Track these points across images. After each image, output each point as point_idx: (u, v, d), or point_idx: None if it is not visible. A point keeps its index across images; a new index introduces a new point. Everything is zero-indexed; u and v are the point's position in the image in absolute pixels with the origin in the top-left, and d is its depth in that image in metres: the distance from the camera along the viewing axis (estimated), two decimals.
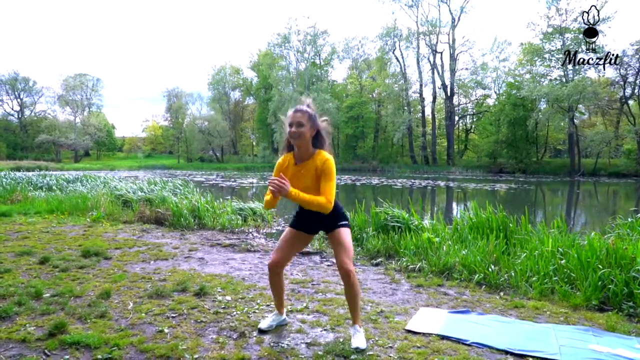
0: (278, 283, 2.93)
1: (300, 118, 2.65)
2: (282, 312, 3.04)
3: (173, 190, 10.36)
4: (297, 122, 2.65)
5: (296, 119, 2.65)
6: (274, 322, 2.97)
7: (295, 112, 2.68)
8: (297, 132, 2.64)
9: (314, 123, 2.70)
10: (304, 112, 2.67)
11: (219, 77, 63.75)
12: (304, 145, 2.69)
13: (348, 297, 2.74)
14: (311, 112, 2.70)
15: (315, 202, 2.58)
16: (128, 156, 67.78)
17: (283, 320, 3.04)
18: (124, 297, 3.50)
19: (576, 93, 34.32)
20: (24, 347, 2.57)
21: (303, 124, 2.65)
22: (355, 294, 2.71)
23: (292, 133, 2.65)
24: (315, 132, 2.71)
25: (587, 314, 3.35)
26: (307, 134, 2.66)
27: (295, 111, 2.69)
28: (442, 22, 47.92)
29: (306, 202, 2.59)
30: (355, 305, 2.74)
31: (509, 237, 5.20)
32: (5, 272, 4.13)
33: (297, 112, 2.68)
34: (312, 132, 2.69)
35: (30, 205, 9.07)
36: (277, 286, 2.95)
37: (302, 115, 2.66)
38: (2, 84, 60.38)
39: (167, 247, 5.62)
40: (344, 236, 2.74)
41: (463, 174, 39.99)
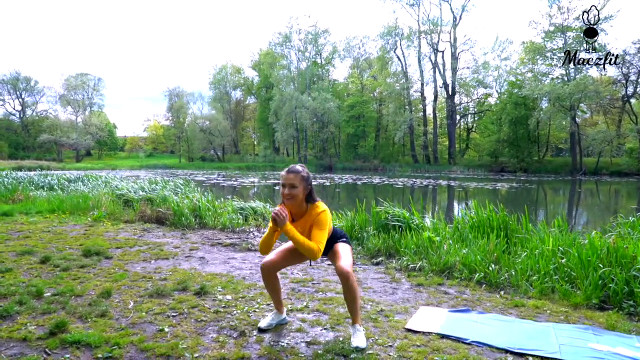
0: (272, 284, 2.95)
1: (293, 180, 2.69)
2: (281, 311, 3.05)
3: (174, 189, 10.36)
4: (290, 184, 2.69)
5: (289, 180, 2.69)
6: (273, 320, 2.98)
7: (288, 174, 2.71)
8: (290, 194, 2.69)
9: (307, 183, 2.74)
10: (297, 174, 2.70)
11: (220, 76, 63.78)
12: (297, 205, 2.75)
13: (347, 298, 2.75)
14: (304, 174, 2.73)
15: (307, 245, 2.62)
16: (129, 156, 67.86)
17: (283, 319, 3.04)
18: (125, 296, 3.51)
19: (578, 92, 34.24)
20: (25, 346, 2.58)
21: (296, 185, 2.69)
22: (354, 296, 2.72)
23: (286, 195, 2.69)
24: (309, 190, 2.76)
25: (587, 313, 3.35)
26: (300, 195, 2.72)
27: (289, 172, 2.72)
28: (444, 21, 47.88)
29: (298, 242, 2.63)
30: (354, 305, 2.75)
31: (510, 236, 5.20)
32: (7, 271, 4.15)
33: (291, 173, 2.70)
34: (305, 192, 2.73)
35: (31, 204, 9.09)
36: (272, 287, 2.96)
37: (295, 176, 2.69)
38: (3, 83, 60.51)
39: (168, 246, 5.62)
40: (342, 249, 2.82)
41: (464, 173, 39.96)
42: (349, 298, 2.73)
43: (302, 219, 2.78)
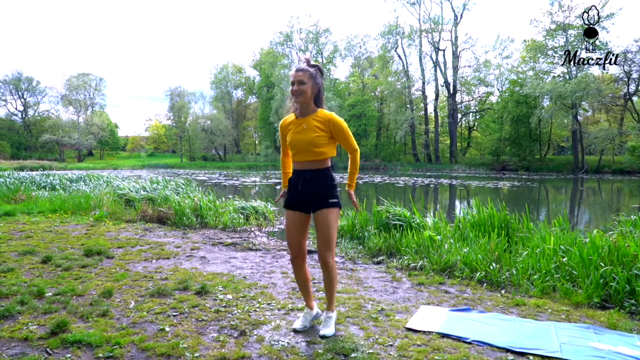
0: (303, 276, 2.93)
1: (301, 77, 2.67)
2: (312, 307, 2.99)
3: (175, 189, 10.37)
4: (299, 81, 2.67)
5: (298, 77, 2.68)
6: (306, 321, 2.93)
7: (297, 71, 2.70)
8: (299, 90, 2.68)
9: (316, 81, 2.72)
10: (305, 71, 2.69)
11: (221, 75, 63.81)
12: (305, 102, 2.73)
13: (326, 283, 2.87)
14: (312, 71, 2.71)
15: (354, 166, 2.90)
16: (131, 155, 68.02)
17: (316, 315, 3.00)
18: (126, 296, 3.52)
19: (579, 90, 34.16)
20: (26, 346, 2.59)
21: (305, 82, 2.67)
22: (332, 282, 2.85)
23: (294, 91, 2.68)
24: (317, 90, 2.74)
25: (588, 312, 3.34)
26: (309, 92, 2.69)
27: (297, 70, 2.70)
28: (445, 20, 47.86)
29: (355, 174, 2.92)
30: (332, 291, 2.88)
31: (511, 235, 5.19)
32: (8, 271, 4.16)
33: (299, 70, 2.70)
34: (313, 90, 2.72)
35: (33, 204, 9.11)
36: (303, 279, 2.94)
37: (303, 73, 2.68)
38: (5, 84, 60.71)
39: (169, 246, 5.63)
40: (329, 220, 2.77)
41: (466, 172, 39.91)
42: (328, 282, 2.86)
43: (309, 117, 2.76)
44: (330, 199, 2.79)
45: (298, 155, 2.80)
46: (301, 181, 2.81)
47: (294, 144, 2.78)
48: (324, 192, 2.78)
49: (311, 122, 2.73)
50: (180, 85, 73.07)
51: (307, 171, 2.79)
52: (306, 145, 2.73)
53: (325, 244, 2.77)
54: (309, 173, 2.79)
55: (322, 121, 2.73)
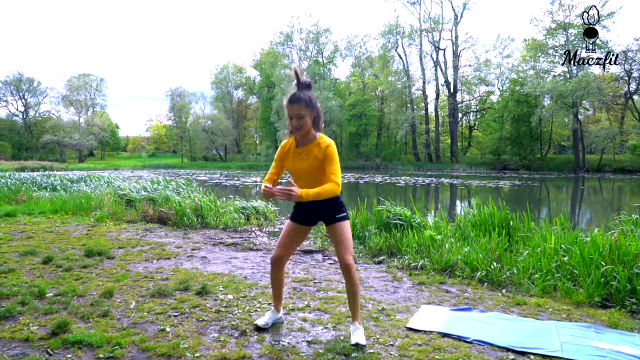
0: (279, 278, 2.94)
1: (298, 109, 2.56)
2: (278, 309, 3.04)
3: (176, 189, 10.38)
4: (297, 115, 2.57)
5: (294, 111, 2.56)
6: (270, 319, 2.97)
7: (291, 104, 2.57)
8: (300, 125, 2.59)
9: (313, 108, 2.62)
10: (300, 102, 2.56)
11: (221, 76, 63.85)
12: (306, 132, 2.65)
13: (349, 292, 2.75)
14: (307, 99, 2.58)
15: (325, 191, 2.54)
16: (132, 156, 68.08)
17: (279, 319, 3.03)
18: (127, 296, 3.52)
19: (580, 89, 34.15)
20: (27, 346, 2.59)
21: (303, 115, 2.57)
22: (356, 290, 2.72)
23: (295, 127, 2.60)
24: (315, 114, 2.64)
25: (589, 311, 3.34)
26: (309, 122, 2.62)
27: (292, 102, 2.57)
28: (445, 19, 47.91)
29: (318, 196, 2.53)
30: (355, 301, 2.75)
31: (512, 235, 5.19)
32: (9, 271, 4.16)
33: (294, 102, 2.57)
34: (312, 117, 2.63)
35: (34, 205, 9.12)
36: (278, 281, 2.95)
37: (299, 105, 2.56)
38: (6, 84, 60.81)
39: (170, 246, 5.63)
40: (343, 230, 2.73)
41: (467, 171, 39.90)
42: (351, 292, 2.73)
43: (308, 146, 2.68)
44: (339, 215, 2.76)
45: (301, 184, 2.70)
46: (308, 207, 2.78)
47: (295, 174, 2.75)
48: (332, 213, 2.75)
49: (311, 152, 2.66)
50: (181, 86, 73.19)
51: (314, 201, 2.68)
52: (308, 175, 2.69)
53: (345, 248, 2.70)
54: (315, 203, 2.69)
55: (321, 150, 2.64)
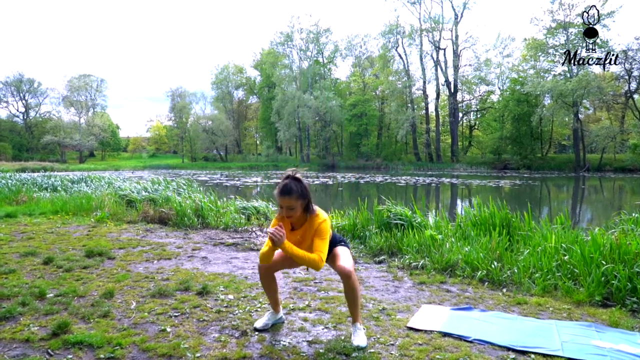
0: (269, 284, 2.93)
1: (289, 202, 2.60)
2: (277, 311, 3.02)
3: (177, 189, 10.38)
4: (288, 207, 2.62)
5: (285, 203, 2.61)
6: (269, 320, 2.96)
7: (283, 196, 2.60)
8: (289, 214, 2.64)
9: (304, 198, 2.66)
10: (291, 195, 2.59)
11: (222, 76, 63.86)
12: (297, 218, 2.72)
13: (348, 297, 2.74)
14: (298, 191, 2.62)
15: (307, 258, 2.60)
16: (133, 156, 68.07)
17: (280, 319, 3.03)
18: (127, 297, 3.52)
19: (580, 88, 34.15)
20: (28, 347, 2.59)
21: (294, 207, 2.62)
22: (355, 295, 2.71)
23: (286, 215, 2.65)
24: (306, 204, 2.69)
25: (590, 310, 3.34)
26: (299, 211, 2.67)
27: (283, 194, 2.60)
28: (445, 19, 47.89)
29: (299, 258, 2.60)
30: (355, 305, 2.75)
31: (512, 234, 5.18)
32: (10, 272, 4.17)
33: (285, 195, 2.60)
34: (303, 206, 2.67)
35: (35, 206, 9.13)
36: (269, 287, 2.94)
37: (290, 198, 2.59)
38: (7, 85, 60.83)
39: (170, 246, 5.64)
40: (342, 251, 2.80)
41: (467, 171, 39.90)
42: (350, 297, 2.72)
43: (302, 227, 2.77)
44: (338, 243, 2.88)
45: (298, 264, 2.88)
46: None
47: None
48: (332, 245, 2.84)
49: (306, 233, 2.75)
50: (182, 86, 73.22)
51: None
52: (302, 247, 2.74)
53: (345, 260, 2.74)
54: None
55: (313, 227, 2.71)
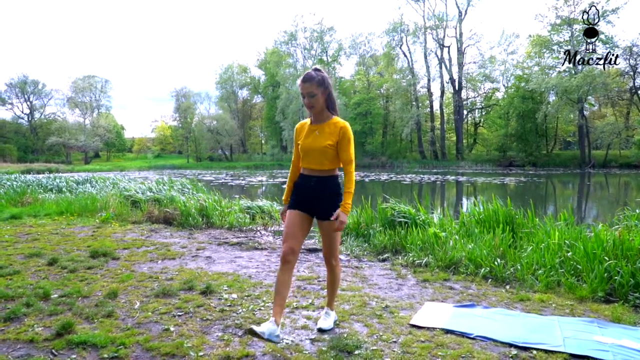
0: (287, 280, 2.64)
1: (309, 88, 2.66)
2: (278, 322, 2.51)
3: (181, 189, 10.42)
4: (309, 93, 2.67)
5: (306, 89, 2.66)
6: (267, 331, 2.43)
7: (304, 83, 2.67)
8: (311, 103, 2.69)
9: (325, 88, 2.70)
10: (312, 80, 2.66)
11: (226, 76, 63.93)
12: (319, 111, 2.73)
13: (329, 281, 2.97)
14: (319, 78, 2.68)
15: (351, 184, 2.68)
16: (138, 157, 68.33)
17: (276, 336, 2.47)
18: (131, 297, 3.54)
19: (585, 84, 33.94)
20: (32, 347, 2.62)
21: (314, 93, 2.66)
22: (336, 279, 2.95)
23: (307, 104, 2.70)
24: (327, 96, 2.72)
25: (593, 306, 3.33)
26: (322, 101, 2.70)
27: (304, 81, 2.67)
28: (449, 16, 47.70)
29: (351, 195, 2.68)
30: (333, 289, 2.98)
31: (516, 231, 5.17)
32: (15, 273, 4.20)
33: (306, 81, 2.66)
34: (324, 96, 2.71)
35: (40, 207, 9.18)
36: (286, 283, 2.63)
37: (311, 84, 2.65)
38: (11, 87, 61.18)
39: (175, 246, 5.66)
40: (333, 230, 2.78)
41: (472, 168, 39.77)
42: (331, 280, 2.96)
43: (322, 125, 2.76)
44: (334, 210, 2.73)
45: (306, 161, 2.81)
46: (307, 186, 2.81)
47: (304, 150, 2.79)
48: (328, 201, 2.77)
49: (324, 130, 2.74)
50: (186, 86, 73.45)
51: (313, 177, 2.79)
52: (316, 154, 2.74)
53: (330, 250, 2.87)
54: (314, 180, 2.78)
55: (335, 130, 2.71)
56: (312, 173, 2.79)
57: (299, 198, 2.84)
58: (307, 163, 2.80)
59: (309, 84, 2.65)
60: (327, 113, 2.76)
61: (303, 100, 2.71)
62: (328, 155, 2.71)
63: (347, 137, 2.70)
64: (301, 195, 2.83)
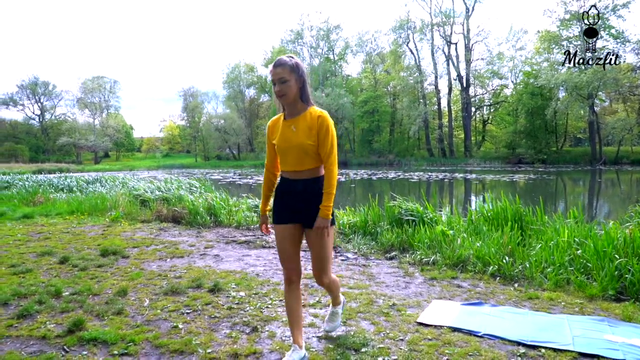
0: (296, 303, 2.49)
1: (281, 73, 2.29)
2: (300, 344, 2.42)
3: (189, 189, 10.48)
4: (280, 79, 2.29)
5: (277, 75, 2.29)
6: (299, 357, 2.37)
7: (275, 68, 2.31)
8: (282, 90, 2.31)
9: (300, 75, 2.33)
10: (284, 65, 2.30)
11: (233, 75, 64.11)
12: (291, 101, 2.35)
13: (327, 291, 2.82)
14: (292, 63, 2.31)
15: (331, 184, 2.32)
16: (147, 156, 68.78)
17: (304, 357, 2.41)
18: (141, 295, 3.58)
19: (596, 80, 33.50)
20: (44, 344, 2.66)
21: (286, 79, 2.29)
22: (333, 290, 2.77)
23: (278, 92, 2.32)
24: (302, 85, 2.35)
25: (603, 304, 3.30)
26: (294, 89, 2.32)
27: (275, 66, 2.31)
28: (456, 12, 47.38)
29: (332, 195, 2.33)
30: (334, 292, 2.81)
31: (525, 228, 5.14)
32: (27, 271, 4.27)
33: (277, 66, 2.30)
34: (298, 85, 2.33)
35: (51, 206, 9.30)
36: (296, 307, 2.48)
37: (283, 69, 2.29)
38: (22, 88, 61.89)
39: (183, 245, 5.70)
40: (322, 239, 2.41)
41: (481, 166, 39.50)
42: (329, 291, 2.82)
43: (298, 118, 2.37)
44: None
45: (286, 163, 2.43)
46: (293, 192, 2.44)
47: (282, 150, 2.42)
48: (315, 207, 2.38)
49: (300, 124, 2.36)
50: (193, 86, 73.70)
51: (299, 181, 2.41)
52: (295, 153, 2.36)
53: (319, 265, 2.48)
54: (300, 184, 2.41)
55: (312, 122, 2.34)
56: (297, 176, 2.41)
57: (285, 208, 2.46)
58: (288, 165, 2.42)
59: (280, 69, 2.28)
60: (302, 104, 2.38)
61: (274, 89, 2.35)
62: (310, 152, 2.34)
63: (326, 128, 2.32)
64: (287, 204, 2.46)
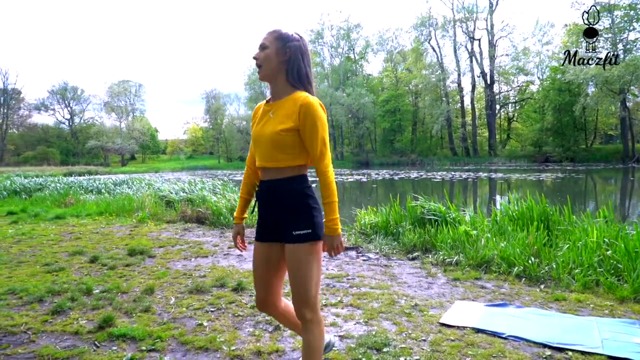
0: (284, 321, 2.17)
1: (265, 39, 1.87)
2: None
3: (212, 190, 10.64)
4: (261, 44, 1.88)
5: (261, 40, 1.89)
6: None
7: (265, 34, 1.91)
8: (259, 59, 1.87)
9: (286, 47, 1.84)
10: (273, 32, 1.87)
11: (254, 76, 64.43)
12: (269, 76, 1.88)
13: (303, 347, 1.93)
14: (283, 32, 1.86)
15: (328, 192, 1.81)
16: (171, 158, 70.16)
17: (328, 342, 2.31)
18: (167, 293, 3.67)
19: (628, 74, 32.36)
20: (77, 339, 2.77)
21: (266, 45, 1.85)
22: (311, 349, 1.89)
23: (254, 57, 1.89)
24: (287, 58, 1.85)
25: (634, 307, 3.21)
26: (274, 60, 1.84)
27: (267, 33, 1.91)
28: (479, 8, 46.67)
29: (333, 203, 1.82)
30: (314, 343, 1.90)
31: (551, 228, 5.03)
32: (60, 270, 4.43)
33: (267, 33, 1.89)
34: (280, 57, 1.85)
35: (81, 207, 9.61)
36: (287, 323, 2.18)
37: (269, 35, 1.87)
38: (53, 94, 64.13)
39: (207, 244, 5.80)
40: (298, 260, 1.84)
41: (506, 165, 38.75)
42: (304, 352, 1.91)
43: (278, 102, 1.88)
44: (297, 230, 1.83)
45: (258, 159, 1.92)
46: (264, 197, 1.93)
47: (253, 140, 1.95)
48: (291, 214, 1.85)
49: (279, 110, 1.85)
50: (215, 88, 74.74)
51: (269, 182, 1.89)
52: (265, 144, 1.85)
53: (300, 293, 1.85)
54: (270, 185, 1.89)
55: (293, 109, 1.80)
56: (267, 176, 1.90)
57: (260, 220, 1.99)
58: (259, 161, 1.91)
59: (268, 34, 1.88)
60: (286, 85, 1.87)
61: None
62: (282, 145, 1.81)
63: (312, 119, 1.77)
64: (261, 215, 1.98)
